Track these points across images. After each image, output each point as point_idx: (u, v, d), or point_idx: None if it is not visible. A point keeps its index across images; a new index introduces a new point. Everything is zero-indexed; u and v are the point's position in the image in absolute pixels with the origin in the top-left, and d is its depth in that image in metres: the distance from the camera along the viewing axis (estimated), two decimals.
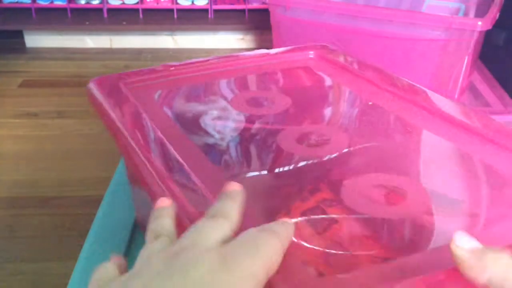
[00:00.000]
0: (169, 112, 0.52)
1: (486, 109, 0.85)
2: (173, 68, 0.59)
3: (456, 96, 0.86)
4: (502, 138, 0.40)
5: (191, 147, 0.42)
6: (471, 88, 0.92)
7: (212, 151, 0.48)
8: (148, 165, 0.38)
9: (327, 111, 0.57)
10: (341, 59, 0.61)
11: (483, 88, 0.91)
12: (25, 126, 1.02)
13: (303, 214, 0.41)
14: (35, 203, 0.78)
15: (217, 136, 0.51)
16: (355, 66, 0.58)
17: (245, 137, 0.51)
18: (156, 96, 0.55)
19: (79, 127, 1.00)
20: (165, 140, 0.42)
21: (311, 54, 0.64)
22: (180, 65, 0.61)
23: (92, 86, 0.53)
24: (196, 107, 0.57)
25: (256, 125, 0.53)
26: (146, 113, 0.47)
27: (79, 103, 1.10)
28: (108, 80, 0.55)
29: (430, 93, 0.50)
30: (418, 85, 0.51)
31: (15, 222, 0.71)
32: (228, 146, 0.49)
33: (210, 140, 0.50)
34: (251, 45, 1.45)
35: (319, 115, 0.55)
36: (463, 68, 0.83)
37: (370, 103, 0.54)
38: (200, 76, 0.59)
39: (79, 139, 0.95)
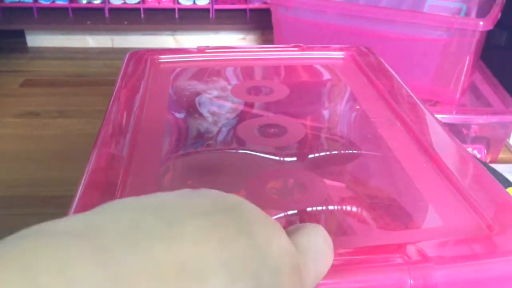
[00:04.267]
0: (173, 90, 0.56)
1: (488, 109, 0.85)
2: (206, 51, 0.64)
3: (457, 96, 0.86)
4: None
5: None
6: (473, 89, 0.92)
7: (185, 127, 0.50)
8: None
9: (314, 108, 0.58)
10: (368, 63, 0.62)
11: (484, 88, 0.91)
12: (27, 126, 1.02)
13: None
14: (37, 202, 0.78)
15: (198, 115, 0.53)
16: (374, 72, 0.59)
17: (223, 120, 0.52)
18: (172, 73, 0.60)
19: (80, 127, 1.00)
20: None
21: (342, 54, 0.66)
22: (214, 48, 0.65)
23: (126, 56, 0.62)
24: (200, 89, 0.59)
25: (242, 110, 0.55)
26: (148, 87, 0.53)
27: (81, 103, 1.10)
28: (140, 54, 0.62)
29: (429, 119, 0.49)
30: (423, 108, 0.50)
31: (16, 222, 0.71)
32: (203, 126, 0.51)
33: (192, 118, 0.51)
34: (253, 45, 1.45)
35: (304, 110, 0.56)
36: (465, 68, 0.83)
37: (357, 107, 0.54)
38: (223, 62, 0.64)
39: (81, 138, 0.95)
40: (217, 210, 0.20)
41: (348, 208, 0.38)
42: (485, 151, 0.83)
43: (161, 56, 0.62)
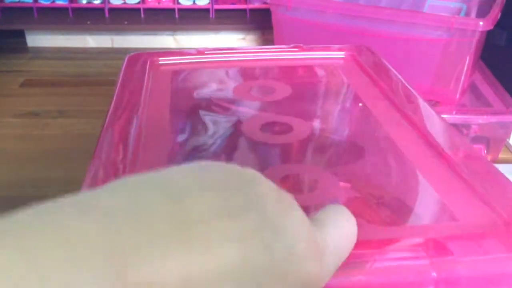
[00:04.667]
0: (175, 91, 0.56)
1: (488, 109, 0.85)
2: (206, 53, 0.64)
3: (457, 96, 0.86)
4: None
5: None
6: (473, 89, 0.92)
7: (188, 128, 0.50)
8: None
9: (315, 107, 0.58)
10: (369, 63, 0.62)
11: (484, 88, 0.91)
12: (27, 126, 1.02)
13: None
14: (37, 202, 0.78)
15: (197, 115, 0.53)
16: (376, 71, 0.59)
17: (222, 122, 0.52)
18: (172, 76, 0.60)
19: (80, 127, 1.00)
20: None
21: (343, 54, 0.66)
22: (214, 49, 0.66)
23: (125, 59, 0.62)
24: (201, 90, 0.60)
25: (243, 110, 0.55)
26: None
27: (81, 103, 1.10)
28: (139, 57, 0.62)
29: (434, 117, 0.49)
30: (426, 106, 0.51)
31: None
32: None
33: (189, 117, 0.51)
34: (253, 45, 1.45)
35: (305, 109, 0.56)
36: (465, 68, 0.83)
37: (360, 104, 0.55)
38: (223, 63, 0.64)
39: (81, 138, 0.95)
40: (228, 186, 0.19)
41: (358, 206, 0.38)
42: (485, 151, 0.83)
43: (161, 58, 0.62)
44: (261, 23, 1.40)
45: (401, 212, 0.38)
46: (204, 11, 1.46)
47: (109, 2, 1.43)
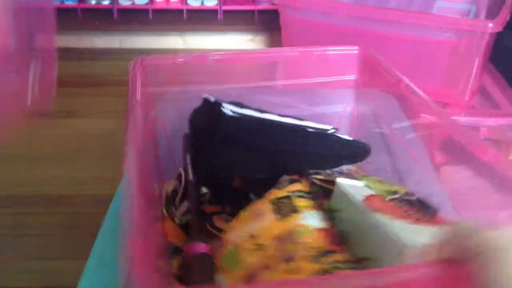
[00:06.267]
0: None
1: (497, 111, 0.84)
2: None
3: (466, 98, 0.85)
4: None
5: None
6: (482, 90, 0.92)
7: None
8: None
9: None
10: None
11: (493, 90, 0.90)
12: (36, 126, 1.02)
13: (272, 200, 0.45)
14: (45, 201, 0.79)
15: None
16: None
17: None
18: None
19: (89, 127, 1.01)
20: None
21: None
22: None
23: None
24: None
25: None
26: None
27: (89, 103, 1.10)
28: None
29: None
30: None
31: (24, 221, 0.72)
32: None
33: None
34: (261, 46, 1.45)
35: None
36: (474, 70, 0.82)
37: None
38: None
39: (89, 138, 0.95)
40: None
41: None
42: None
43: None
44: (269, 24, 1.40)
45: (415, 208, 0.38)
46: (212, 12, 1.46)
47: (117, 3, 1.43)
